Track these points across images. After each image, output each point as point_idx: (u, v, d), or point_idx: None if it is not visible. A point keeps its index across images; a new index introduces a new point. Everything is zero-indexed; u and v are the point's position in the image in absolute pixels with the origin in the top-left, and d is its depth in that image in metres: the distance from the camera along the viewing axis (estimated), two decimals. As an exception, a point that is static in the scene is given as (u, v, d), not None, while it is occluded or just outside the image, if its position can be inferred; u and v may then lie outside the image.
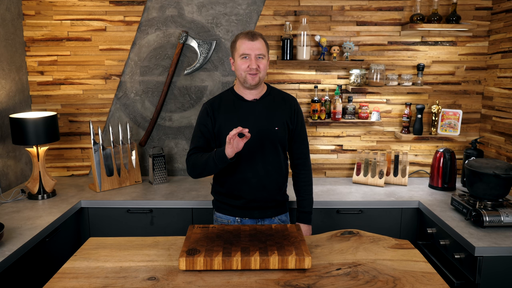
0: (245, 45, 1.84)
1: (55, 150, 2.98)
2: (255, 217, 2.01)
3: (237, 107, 1.94)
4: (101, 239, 1.72)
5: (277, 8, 2.84)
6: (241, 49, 1.85)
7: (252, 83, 1.87)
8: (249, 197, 1.98)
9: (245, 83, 1.89)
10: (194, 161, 1.91)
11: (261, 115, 1.94)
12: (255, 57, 1.84)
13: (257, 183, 1.96)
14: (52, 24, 2.83)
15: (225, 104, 1.96)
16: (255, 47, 1.84)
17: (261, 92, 1.98)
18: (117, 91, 2.92)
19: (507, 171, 2.09)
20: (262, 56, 1.86)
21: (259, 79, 1.88)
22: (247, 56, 1.84)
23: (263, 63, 1.87)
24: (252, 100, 1.95)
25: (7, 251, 1.79)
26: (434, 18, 2.71)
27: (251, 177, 1.95)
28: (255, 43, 1.84)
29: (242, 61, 1.85)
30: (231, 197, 2.01)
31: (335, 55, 2.80)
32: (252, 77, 1.86)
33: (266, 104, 1.96)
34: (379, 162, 2.84)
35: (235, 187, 1.98)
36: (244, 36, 1.86)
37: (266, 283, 1.37)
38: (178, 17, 2.83)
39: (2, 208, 2.35)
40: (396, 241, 1.70)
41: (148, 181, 2.89)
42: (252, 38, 1.84)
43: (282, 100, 2.01)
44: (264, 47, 1.88)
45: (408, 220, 2.54)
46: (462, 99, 2.97)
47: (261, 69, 1.86)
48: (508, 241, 1.93)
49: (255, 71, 1.84)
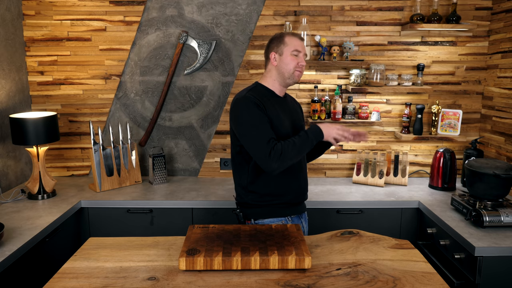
0: (298, 42, 1.91)
1: (55, 150, 2.98)
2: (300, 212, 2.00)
3: (273, 102, 1.93)
4: (101, 239, 1.72)
5: (277, 8, 2.84)
6: (294, 45, 1.90)
7: (297, 80, 1.94)
8: (298, 191, 1.98)
9: (290, 79, 1.92)
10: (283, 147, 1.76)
11: (293, 110, 2.03)
12: (303, 56, 1.93)
13: (302, 176, 2.00)
14: (52, 24, 2.83)
15: (265, 97, 1.90)
16: (303, 45, 1.94)
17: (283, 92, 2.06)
18: (117, 91, 2.92)
19: (507, 171, 2.09)
20: (305, 57, 1.97)
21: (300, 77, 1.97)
22: (298, 53, 1.90)
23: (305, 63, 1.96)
24: (282, 97, 2.00)
25: (7, 251, 1.79)
26: (434, 18, 2.71)
27: (298, 171, 1.97)
28: (303, 43, 1.95)
29: (293, 57, 1.90)
30: (278, 195, 1.92)
31: (335, 55, 2.80)
32: (299, 74, 1.92)
33: (290, 101, 2.07)
34: (379, 162, 2.84)
35: (284, 183, 1.92)
36: (293, 34, 1.94)
37: (266, 283, 1.37)
38: (178, 17, 2.83)
39: (2, 208, 2.35)
40: (396, 241, 1.70)
41: (148, 181, 2.89)
42: (301, 38, 1.94)
43: (294, 100, 2.14)
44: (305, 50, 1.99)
45: (408, 220, 2.54)
46: (462, 99, 2.97)
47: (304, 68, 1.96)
48: (508, 241, 1.93)
49: (303, 68, 1.93)
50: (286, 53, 1.90)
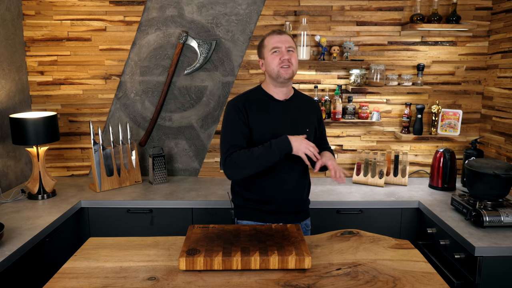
0: (274, 39, 1.83)
1: (55, 150, 2.98)
2: (287, 222, 1.90)
3: (268, 107, 1.87)
4: (101, 239, 1.72)
5: (277, 8, 2.84)
6: (271, 44, 1.83)
7: (286, 77, 1.81)
8: (283, 200, 1.89)
9: (278, 78, 1.82)
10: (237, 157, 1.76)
11: (293, 115, 1.90)
12: (285, 49, 1.81)
13: (291, 186, 1.90)
14: (52, 24, 2.83)
15: (255, 102, 1.86)
16: (284, 39, 1.83)
17: (290, 93, 1.93)
18: (117, 91, 2.92)
19: (507, 171, 2.09)
20: (292, 49, 1.83)
21: (292, 72, 1.83)
22: (277, 49, 1.81)
23: (294, 56, 1.83)
24: (283, 100, 1.90)
25: (7, 251, 1.79)
26: (434, 18, 2.71)
27: (286, 180, 1.88)
28: (283, 36, 1.84)
29: (273, 56, 1.82)
30: (263, 203, 1.89)
31: (335, 55, 2.80)
32: (285, 70, 1.80)
33: (295, 105, 1.93)
34: (379, 162, 2.84)
35: (268, 191, 1.88)
36: (271, 33, 1.86)
37: (266, 283, 1.37)
38: (178, 17, 2.83)
39: (2, 208, 2.35)
40: (396, 241, 1.70)
41: (148, 181, 2.89)
42: (279, 33, 1.85)
43: (308, 104, 1.99)
44: (293, 42, 1.86)
45: (408, 220, 2.54)
46: (462, 99, 2.97)
47: (293, 62, 1.82)
48: (508, 241, 1.93)
49: (287, 63, 1.80)
50: (267, 55, 1.84)
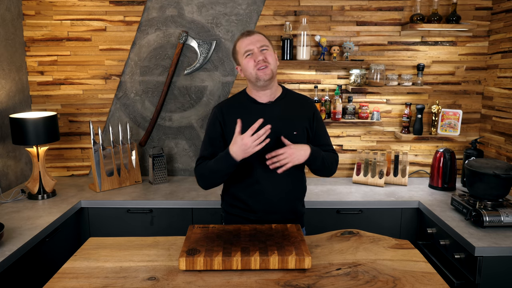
0: (245, 42, 1.76)
1: (55, 150, 2.98)
2: None
3: (250, 111, 1.80)
4: (101, 239, 1.72)
5: (277, 8, 2.84)
6: (242, 48, 1.76)
7: (266, 78, 1.72)
8: (267, 209, 1.81)
9: (258, 82, 1.74)
10: (201, 169, 1.78)
11: (278, 118, 1.78)
12: (258, 50, 1.73)
13: (276, 194, 1.80)
14: (52, 24, 2.83)
15: (237, 107, 1.82)
16: (255, 39, 1.75)
17: (276, 94, 1.83)
18: (117, 91, 2.92)
19: (507, 171, 2.09)
20: (266, 48, 1.75)
21: (271, 72, 1.74)
22: (250, 52, 1.74)
23: (269, 54, 1.75)
24: (267, 103, 1.82)
25: (7, 251, 1.80)
26: (434, 18, 2.71)
27: (270, 187, 1.79)
28: (253, 37, 1.76)
29: (247, 59, 1.75)
30: (247, 211, 1.83)
31: (335, 55, 2.80)
32: (263, 71, 1.72)
33: (282, 107, 1.82)
34: (379, 162, 2.84)
35: (251, 199, 1.81)
36: (241, 36, 1.80)
37: (266, 283, 1.37)
38: (178, 17, 2.83)
39: (2, 208, 2.35)
40: (396, 241, 1.70)
41: (148, 181, 2.89)
42: (248, 34, 1.77)
43: (299, 104, 1.88)
44: (265, 39, 1.78)
45: (408, 220, 2.54)
46: (462, 99, 2.97)
47: (270, 60, 1.74)
48: (508, 241, 1.93)
49: (263, 63, 1.71)
50: (241, 60, 1.77)
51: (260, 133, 1.61)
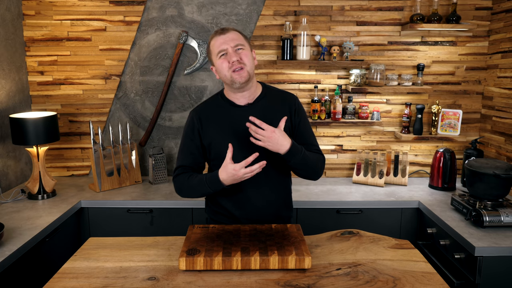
0: (218, 41, 1.62)
1: (55, 150, 2.98)
2: None
3: (228, 114, 1.69)
4: (101, 239, 1.72)
5: (277, 8, 2.84)
6: (216, 47, 1.62)
7: (241, 80, 1.60)
8: (252, 217, 1.75)
9: (233, 84, 1.62)
10: (181, 183, 1.70)
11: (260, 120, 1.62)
12: (232, 50, 1.60)
13: (261, 202, 1.74)
14: (52, 24, 2.83)
15: (214, 111, 1.72)
16: (229, 38, 1.61)
17: (255, 94, 1.72)
18: (117, 91, 2.92)
19: (507, 171, 2.09)
20: (242, 47, 1.62)
21: (248, 73, 1.61)
22: (223, 52, 1.61)
23: (245, 53, 1.62)
24: (245, 105, 1.70)
25: (7, 251, 1.80)
26: (434, 18, 2.71)
27: (254, 195, 1.73)
28: (227, 35, 1.62)
29: (221, 60, 1.62)
30: (231, 218, 1.78)
31: (335, 55, 2.80)
32: (238, 73, 1.60)
33: (262, 108, 1.70)
34: (379, 162, 2.84)
35: (236, 208, 1.75)
36: (214, 34, 1.66)
37: (266, 283, 1.37)
38: (178, 17, 2.83)
39: (2, 208, 2.35)
40: (396, 241, 1.70)
41: (148, 181, 2.89)
42: (222, 32, 1.63)
43: (280, 101, 1.75)
44: (240, 37, 1.64)
45: (408, 220, 2.54)
46: (462, 99, 2.97)
47: (245, 61, 1.61)
48: (508, 241, 1.93)
49: (238, 64, 1.59)
50: (215, 60, 1.65)
51: (254, 167, 1.52)
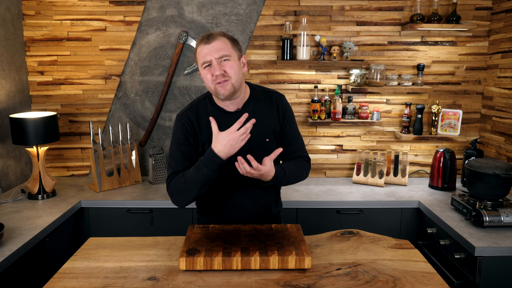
0: (203, 51, 1.53)
1: (55, 150, 2.98)
2: None
3: (218, 121, 1.60)
4: (101, 239, 1.72)
5: (277, 8, 2.84)
6: (200, 57, 1.54)
7: (226, 94, 1.55)
8: (243, 219, 1.75)
9: (218, 96, 1.57)
10: (176, 183, 1.59)
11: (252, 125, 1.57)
12: (217, 62, 1.52)
13: (252, 205, 1.74)
14: (52, 24, 2.83)
15: (204, 118, 1.65)
16: (213, 49, 1.52)
17: (244, 98, 1.67)
18: (117, 91, 2.92)
19: (507, 171, 2.09)
20: (227, 57, 1.53)
21: (232, 86, 1.54)
22: (208, 63, 1.54)
23: (230, 65, 1.53)
24: (235, 111, 1.65)
25: (7, 251, 1.80)
26: (434, 18, 2.71)
27: (245, 199, 1.72)
28: (213, 44, 1.52)
29: (205, 71, 1.55)
30: (223, 222, 1.76)
31: (335, 55, 2.80)
32: (222, 86, 1.53)
33: (251, 114, 1.65)
34: (379, 162, 2.84)
35: (226, 212, 1.75)
36: (200, 41, 1.56)
37: (266, 283, 1.37)
38: (178, 17, 2.83)
39: (2, 208, 2.35)
40: (396, 241, 1.70)
41: (148, 181, 2.89)
42: (208, 41, 1.53)
43: (268, 103, 1.71)
44: (227, 46, 1.55)
45: (408, 220, 2.54)
46: (462, 99, 2.97)
47: (230, 74, 1.53)
48: (508, 241, 1.93)
49: (222, 78, 1.52)
50: (200, 69, 1.58)
51: (247, 125, 1.46)
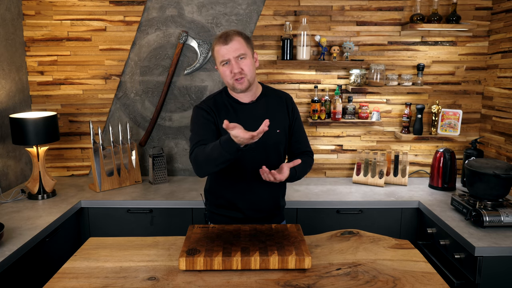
0: (221, 51, 1.70)
1: (55, 150, 2.98)
2: None
3: (235, 111, 1.79)
4: (101, 239, 1.72)
5: (277, 8, 2.84)
6: (219, 56, 1.72)
7: (242, 88, 1.73)
8: (254, 207, 1.84)
9: (235, 90, 1.76)
10: (197, 154, 1.66)
11: (261, 117, 1.73)
12: (234, 60, 1.70)
13: (262, 192, 1.83)
14: (52, 24, 2.83)
15: (221, 107, 1.80)
16: (232, 49, 1.69)
17: (256, 93, 1.84)
18: (117, 91, 2.92)
19: (507, 171, 2.09)
20: (243, 56, 1.71)
21: (248, 81, 1.73)
22: (226, 61, 1.71)
23: (246, 63, 1.72)
24: (249, 103, 1.82)
25: (7, 251, 1.80)
26: (434, 18, 2.71)
27: (256, 186, 1.81)
28: (231, 45, 1.69)
29: (224, 68, 1.72)
30: (232, 209, 1.85)
31: (335, 55, 2.80)
32: (240, 82, 1.71)
33: (263, 106, 1.83)
34: (379, 162, 2.84)
35: (237, 198, 1.83)
36: (218, 40, 1.72)
37: (266, 283, 1.37)
38: (178, 17, 2.83)
39: (2, 208, 2.35)
40: (396, 241, 1.70)
41: (148, 181, 2.89)
42: (226, 41, 1.70)
43: (279, 100, 1.89)
44: (243, 46, 1.72)
45: (408, 220, 2.54)
46: (462, 99, 2.97)
47: (246, 71, 1.71)
48: (508, 241, 1.93)
49: (239, 75, 1.70)
50: (218, 66, 1.75)
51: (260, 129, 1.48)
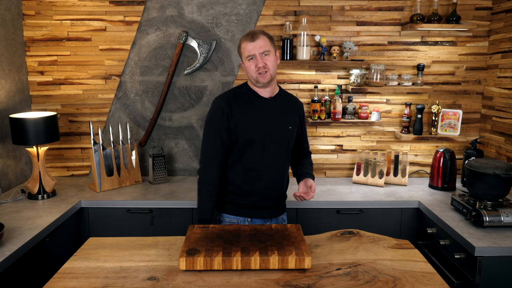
0: (248, 47, 1.87)
1: (55, 150, 2.98)
2: (264, 217, 2.00)
3: (253, 103, 1.95)
4: (101, 239, 1.72)
5: (277, 8, 2.84)
6: (246, 52, 1.89)
7: (264, 81, 1.89)
8: (263, 194, 1.97)
9: (257, 84, 1.91)
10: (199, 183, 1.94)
11: (278, 112, 1.97)
12: (260, 56, 1.87)
13: (271, 181, 1.97)
14: (52, 24, 2.83)
15: (241, 97, 1.96)
16: (258, 45, 1.86)
17: (275, 91, 2.00)
18: (117, 91, 2.92)
19: (507, 171, 2.09)
20: (267, 52, 1.88)
21: (270, 76, 1.89)
22: (252, 56, 1.87)
23: (269, 59, 1.88)
24: (269, 98, 1.97)
25: (7, 251, 1.80)
26: (434, 18, 2.71)
27: (266, 174, 1.95)
28: (257, 42, 1.86)
29: (250, 63, 1.89)
30: (241, 195, 1.97)
31: (335, 55, 2.80)
32: (263, 76, 1.88)
33: (280, 103, 2.00)
34: (379, 162, 2.84)
35: (248, 183, 1.96)
36: (245, 38, 1.90)
37: (266, 283, 1.37)
38: (178, 17, 2.83)
39: (2, 208, 2.35)
40: (396, 241, 1.70)
41: (148, 181, 2.89)
42: (252, 38, 1.87)
43: (293, 102, 2.07)
44: (268, 43, 1.89)
45: (408, 220, 2.54)
46: (462, 99, 2.97)
47: (269, 66, 1.88)
48: (508, 241, 1.93)
49: (263, 69, 1.86)
50: (244, 60, 1.92)
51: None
